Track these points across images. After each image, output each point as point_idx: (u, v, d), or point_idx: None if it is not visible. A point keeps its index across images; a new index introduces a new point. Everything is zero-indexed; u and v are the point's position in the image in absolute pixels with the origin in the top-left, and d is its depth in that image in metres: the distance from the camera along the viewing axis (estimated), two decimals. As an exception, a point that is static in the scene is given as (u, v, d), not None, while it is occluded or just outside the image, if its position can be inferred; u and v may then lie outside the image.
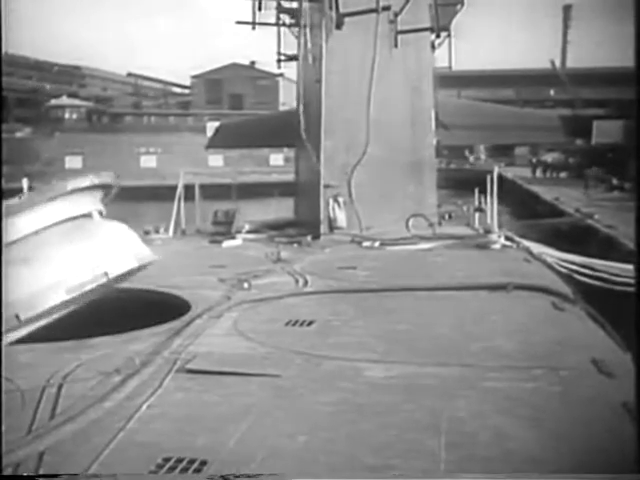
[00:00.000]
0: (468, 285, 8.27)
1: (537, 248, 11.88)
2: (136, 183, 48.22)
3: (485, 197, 14.58)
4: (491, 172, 14.30)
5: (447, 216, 15.49)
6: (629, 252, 13.89)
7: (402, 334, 6.29)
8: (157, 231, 13.47)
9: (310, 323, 6.66)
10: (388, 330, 6.44)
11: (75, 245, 4.69)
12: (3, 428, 3.82)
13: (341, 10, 13.47)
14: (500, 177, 14.58)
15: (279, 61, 16.27)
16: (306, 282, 8.70)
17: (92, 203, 5.25)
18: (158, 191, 33.01)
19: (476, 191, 15.64)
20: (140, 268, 5.45)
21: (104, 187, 5.43)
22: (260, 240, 13.09)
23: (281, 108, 63.34)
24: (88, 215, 5.14)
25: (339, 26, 13.52)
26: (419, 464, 3.61)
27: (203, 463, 3.62)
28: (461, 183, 24.74)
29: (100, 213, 5.33)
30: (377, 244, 12.02)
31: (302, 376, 5.08)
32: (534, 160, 50.55)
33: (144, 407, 4.44)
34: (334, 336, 6.24)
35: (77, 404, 4.43)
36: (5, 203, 4.68)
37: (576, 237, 19.00)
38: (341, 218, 13.59)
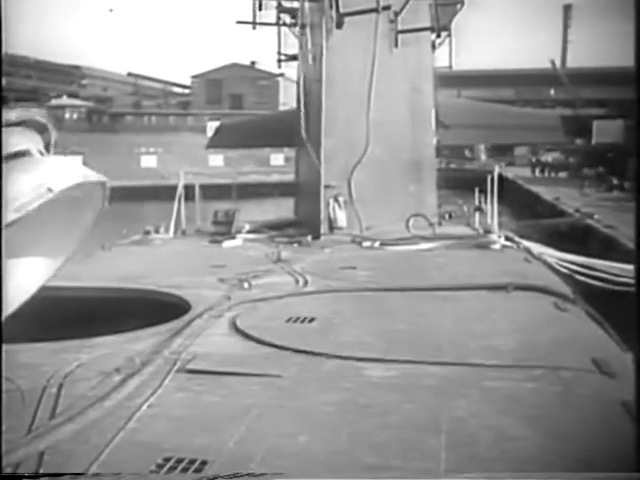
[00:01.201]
0: (468, 285, 8.27)
1: (537, 248, 11.88)
2: (136, 183, 48.35)
3: (485, 197, 14.58)
4: (491, 172, 14.30)
5: (447, 216, 15.49)
6: (628, 252, 13.89)
7: (403, 333, 6.29)
8: (157, 231, 13.45)
9: (311, 320, 6.66)
10: (389, 329, 6.44)
11: (17, 174, 4.61)
12: (3, 428, 3.82)
13: (341, 10, 13.46)
14: (500, 177, 14.58)
15: (279, 61, 16.27)
16: (306, 282, 8.71)
17: (29, 141, 5.11)
18: (158, 191, 33.09)
19: (476, 191, 15.64)
20: (90, 190, 5.22)
21: (37, 127, 5.29)
22: (260, 240, 13.08)
23: (281, 108, 63.36)
24: (27, 153, 4.99)
25: (339, 26, 13.51)
26: (419, 464, 3.61)
27: (203, 463, 3.62)
28: (461, 183, 24.76)
29: (41, 153, 5.16)
30: (377, 244, 12.02)
31: (302, 376, 5.08)
32: (533, 160, 50.79)
33: (144, 407, 4.45)
34: (335, 334, 6.25)
35: (77, 404, 4.44)
36: None
37: (576, 237, 19.01)
38: (341, 218, 13.58)
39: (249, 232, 13.83)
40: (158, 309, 7.66)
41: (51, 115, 5.54)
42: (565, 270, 10.92)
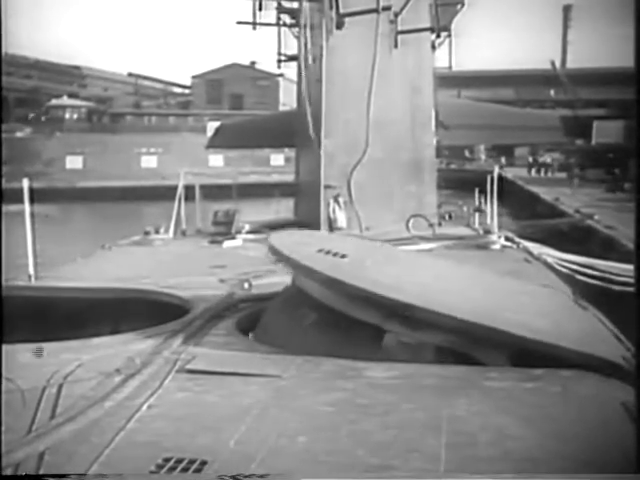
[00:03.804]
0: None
1: (537, 248, 11.88)
2: (136, 183, 48.31)
3: (485, 197, 14.58)
4: (491, 172, 14.30)
5: (447, 216, 15.49)
6: (629, 252, 13.89)
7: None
8: (157, 231, 13.46)
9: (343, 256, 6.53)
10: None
11: None
12: (3, 428, 3.82)
13: (341, 10, 13.46)
14: (500, 177, 14.58)
15: (279, 61, 16.26)
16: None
17: None
18: (158, 191, 33.01)
19: (476, 191, 15.64)
20: None
21: None
22: (260, 240, 13.06)
23: (281, 108, 63.32)
24: None
25: (339, 26, 13.50)
26: (419, 464, 3.61)
27: (203, 463, 3.61)
28: (461, 183, 24.75)
29: None
30: (377, 244, 12.00)
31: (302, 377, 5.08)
32: (530, 159, 51.13)
33: (144, 407, 4.44)
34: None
35: (77, 404, 4.43)
36: None
37: (576, 238, 19.00)
38: (341, 218, 13.57)
39: (249, 232, 13.83)
40: (158, 310, 7.67)
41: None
42: (565, 270, 10.92)
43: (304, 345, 5.69)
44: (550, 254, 11.60)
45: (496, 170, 14.32)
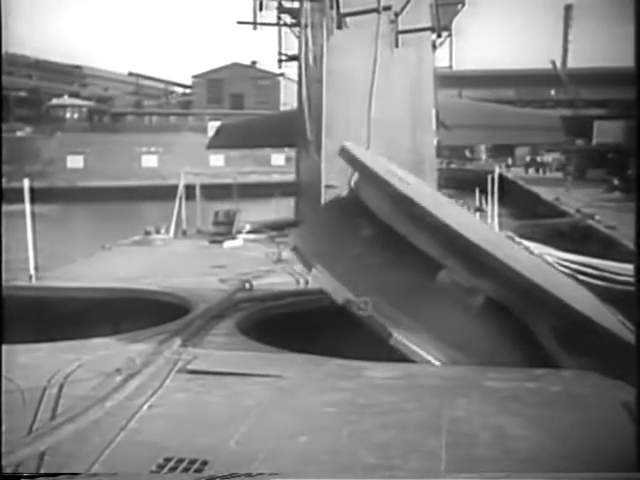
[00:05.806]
0: None
1: (537, 248, 11.86)
2: (137, 183, 48.35)
3: (486, 197, 14.58)
4: (492, 172, 14.31)
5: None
6: (630, 252, 13.88)
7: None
8: (158, 231, 13.47)
9: None
10: None
11: None
12: (3, 428, 3.82)
13: (342, 10, 13.46)
14: (501, 177, 14.58)
15: (280, 61, 16.26)
16: (307, 282, 8.69)
17: None
18: (159, 191, 33.05)
19: (477, 191, 15.64)
20: None
21: None
22: (261, 240, 13.08)
23: (282, 108, 63.35)
24: None
25: (340, 26, 13.50)
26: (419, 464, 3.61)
27: (204, 463, 3.61)
28: (462, 183, 24.77)
29: None
30: (378, 244, 11.98)
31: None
32: (527, 159, 51.40)
33: (145, 407, 4.44)
34: None
35: (78, 404, 4.43)
36: None
37: (577, 237, 19.00)
38: (342, 218, 13.53)
39: (250, 232, 13.84)
40: (159, 310, 7.66)
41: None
42: (565, 269, 10.90)
43: (352, 255, 5.56)
44: (551, 253, 11.59)
45: (497, 170, 14.33)
